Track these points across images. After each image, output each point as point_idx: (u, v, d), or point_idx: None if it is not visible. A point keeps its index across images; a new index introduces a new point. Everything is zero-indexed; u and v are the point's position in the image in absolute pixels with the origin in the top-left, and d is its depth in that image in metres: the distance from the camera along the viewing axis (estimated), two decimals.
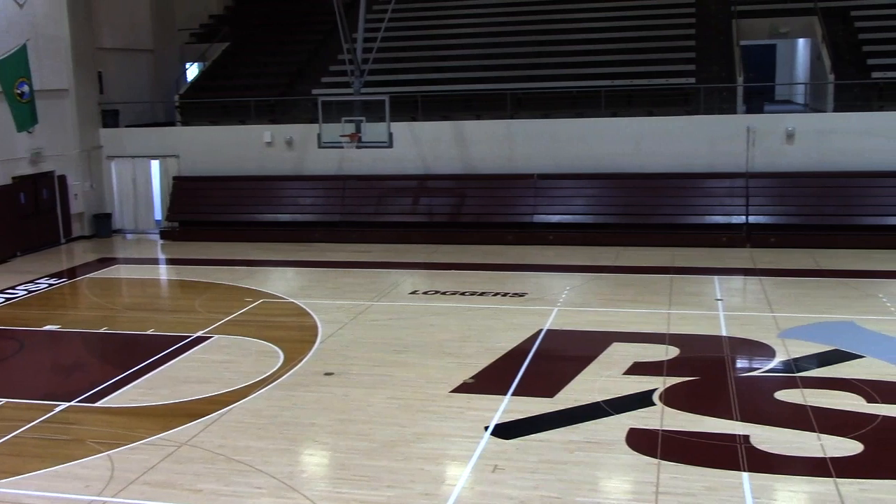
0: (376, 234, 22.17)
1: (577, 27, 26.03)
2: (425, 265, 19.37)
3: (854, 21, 24.45)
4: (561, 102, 23.32)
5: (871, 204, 20.32)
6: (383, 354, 12.86)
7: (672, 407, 10.41)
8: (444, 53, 26.00)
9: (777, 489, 8.38)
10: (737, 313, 14.65)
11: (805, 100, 27.52)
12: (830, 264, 18.15)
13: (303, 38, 28.41)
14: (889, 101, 21.58)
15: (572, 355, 12.66)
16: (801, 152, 20.87)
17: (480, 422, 10.10)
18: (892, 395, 10.62)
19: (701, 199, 21.17)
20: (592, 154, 21.87)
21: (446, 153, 22.79)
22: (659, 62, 23.77)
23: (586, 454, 9.19)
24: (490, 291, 16.58)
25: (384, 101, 20.45)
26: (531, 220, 21.80)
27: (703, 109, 22.14)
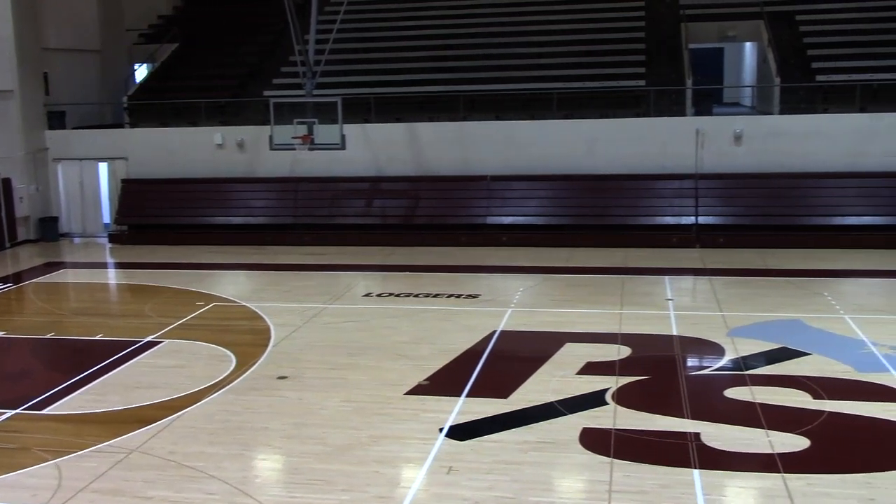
0: (329, 237, 22.06)
1: (530, 30, 26.18)
2: (379, 267, 19.33)
3: (799, 25, 24.94)
4: (513, 104, 23.45)
5: (816, 204, 20.74)
6: (337, 357, 12.80)
7: (624, 406, 10.52)
8: (396, 55, 25.97)
9: (727, 485, 8.51)
10: (687, 313, 14.85)
11: (752, 102, 28.04)
12: (778, 264, 18.49)
13: (254, 39, 28.15)
14: (833, 103, 22.06)
15: (526, 356, 12.72)
16: (748, 154, 21.23)
17: (435, 423, 10.10)
18: (837, 391, 10.84)
19: (651, 200, 21.44)
20: (545, 155, 22.01)
21: (399, 155, 22.77)
22: (610, 65, 24.01)
23: (540, 454, 9.24)
24: (444, 293, 16.60)
25: (336, 103, 20.37)
26: (484, 222, 21.88)
27: (653, 111, 22.42)
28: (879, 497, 8.09)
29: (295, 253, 21.11)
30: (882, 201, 20.46)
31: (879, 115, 20.92)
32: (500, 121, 22.74)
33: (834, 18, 24.99)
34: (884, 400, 10.53)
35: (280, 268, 19.61)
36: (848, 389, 10.93)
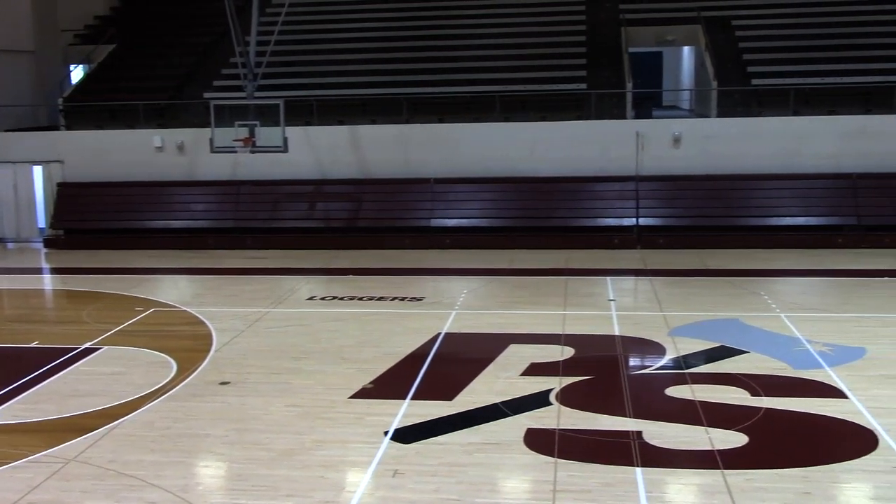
0: (272, 240, 21.86)
1: (472, 33, 26.31)
2: (322, 271, 19.21)
3: (735, 30, 25.47)
4: (456, 107, 23.52)
5: (752, 206, 21.21)
6: (281, 362, 12.69)
7: (568, 406, 10.61)
8: (339, 57, 25.85)
9: (668, 482, 8.64)
10: (629, 313, 15.05)
11: (690, 105, 28.53)
12: (716, 264, 18.85)
13: (193, 41, 27.78)
14: (768, 107, 22.58)
15: (470, 358, 12.76)
16: (687, 156, 21.61)
17: (380, 427, 10.07)
18: (774, 388, 11.09)
19: (593, 203, 21.69)
20: (488, 158, 22.12)
21: (342, 158, 22.67)
22: (551, 68, 24.24)
23: (485, 455, 9.27)
24: (388, 296, 16.57)
25: (279, 106, 20.21)
26: (428, 225, 21.89)
27: (594, 115, 22.68)
28: (815, 490, 8.30)
29: (237, 257, 20.87)
30: (815, 202, 21.01)
31: (811, 118, 21.48)
32: (443, 123, 22.79)
33: (768, 24, 25.59)
34: (818, 396, 10.79)
35: (222, 272, 19.37)
36: (784, 386, 11.19)
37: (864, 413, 10.14)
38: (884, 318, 14.36)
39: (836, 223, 20.74)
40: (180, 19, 29.03)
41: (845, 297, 16.20)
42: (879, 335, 13.31)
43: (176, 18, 29.10)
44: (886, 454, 9.04)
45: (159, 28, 28.78)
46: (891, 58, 23.28)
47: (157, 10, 29.86)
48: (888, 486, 8.37)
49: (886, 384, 11.14)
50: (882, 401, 10.52)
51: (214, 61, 26.40)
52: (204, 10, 28.31)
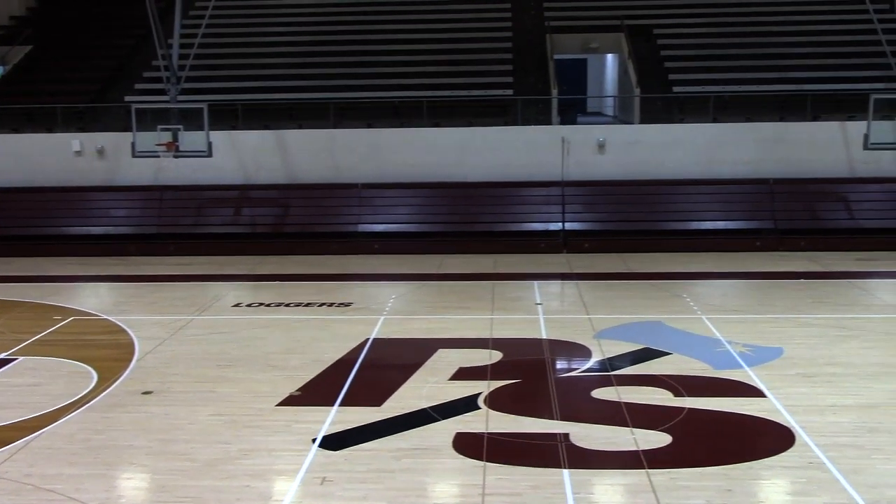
0: (196, 247, 21.47)
1: (399, 38, 26.32)
2: (248, 277, 18.96)
3: (657, 39, 26.04)
4: (384, 112, 23.50)
5: (674, 210, 21.69)
6: (206, 370, 12.47)
7: (496, 410, 10.68)
8: (264, 61, 25.59)
9: (595, 483, 8.76)
10: (555, 316, 15.22)
11: (614, 112, 29.07)
12: (640, 267, 19.21)
13: (114, 42, 27.16)
14: (688, 113, 23.14)
15: (399, 363, 12.74)
16: (611, 162, 21.99)
17: (308, 434, 9.98)
18: (696, 388, 11.35)
19: (520, 207, 21.90)
20: (416, 163, 22.15)
21: (268, 163, 22.43)
22: (478, 74, 24.41)
23: (414, 461, 9.26)
24: (315, 302, 16.44)
25: (202, 109, 19.90)
26: (356, 230, 21.81)
27: (520, 120, 22.92)
28: (736, 487, 8.51)
29: (160, 263, 20.45)
30: (734, 207, 21.60)
31: (730, 126, 22.08)
32: (371, 129, 22.74)
33: (688, 33, 26.23)
34: (738, 395, 11.08)
35: (144, 279, 18.95)
36: (706, 386, 11.46)
37: (782, 411, 10.45)
38: (800, 318, 14.83)
39: (755, 227, 21.36)
40: (101, 21, 28.34)
41: (763, 299, 16.67)
42: (796, 335, 13.73)
43: (96, 20, 28.39)
44: (802, 451, 9.33)
45: (79, 29, 28.04)
46: (804, 67, 24.11)
47: (75, 11, 29.07)
48: (805, 481, 8.64)
49: (802, 383, 11.50)
50: (798, 399, 10.85)
51: (136, 64, 25.86)
52: (125, 11, 27.70)
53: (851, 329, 14.02)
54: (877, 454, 9.22)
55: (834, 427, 9.95)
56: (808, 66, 24.17)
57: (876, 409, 10.53)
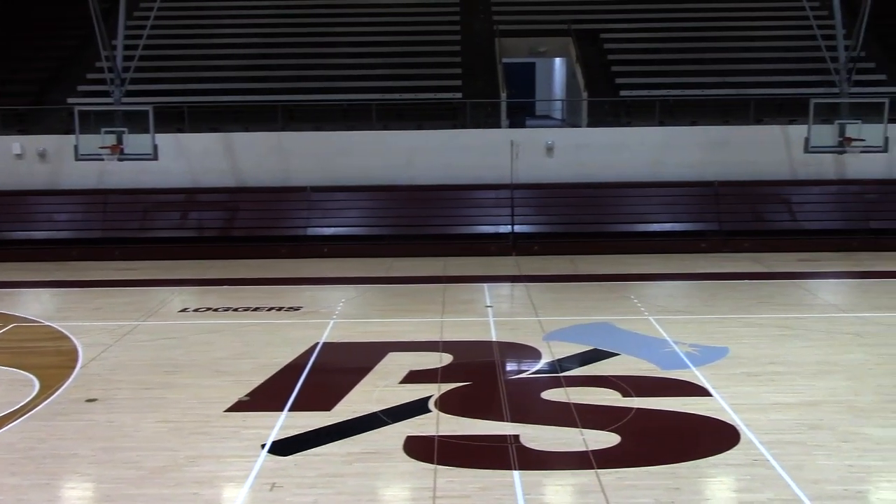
0: (142, 251, 21.14)
1: (348, 41, 26.24)
2: (196, 282, 18.72)
3: (604, 43, 26.32)
4: (332, 115, 23.40)
5: (622, 212, 21.95)
6: (152, 376, 12.27)
7: (447, 412, 10.68)
8: (211, 63, 25.31)
9: (545, 484, 8.81)
10: (505, 319, 15.29)
11: (562, 115, 29.30)
12: (588, 269, 19.39)
13: (56, 44, 26.61)
14: (635, 117, 23.44)
15: (349, 367, 12.68)
16: (559, 165, 22.18)
17: (257, 440, 9.88)
18: (643, 388, 11.48)
19: (470, 210, 21.98)
20: (365, 166, 22.10)
21: (216, 166, 22.18)
22: (427, 77, 24.43)
23: (365, 465, 9.22)
24: (264, 306, 16.29)
25: (148, 112, 19.62)
26: (305, 233, 21.67)
27: (469, 123, 22.99)
28: (683, 486, 8.63)
29: (104, 268, 20.08)
30: (680, 209, 21.94)
31: (676, 129, 22.42)
32: (320, 131, 22.62)
33: (635, 38, 26.57)
34: (685, 395, 11.24)
35: (88, 284, 18.60)
36: (653, 386, 11.60)
37: (727, 410, 10.63)
38: (744, 318, 15.09)
39: (700, 229, 21.70)
40: (42, 21, 27.75)
41: (709, 300, 16.94)
42: (741, 335, 13.98)
43: (37, 20, 27.80)
44: (747, 448, 9.50)
45: (18, 30, 27.42)
46: (747, 72, 24.58)
47: (15, 11, 28.43)
48: (749, 478, 8.79)
49: (747, 382, 11.71)
50: (743, 397, 11.04)
51: (79, 65, 25.38)
52: (67, 12, 27.15)
53: (794, 328, 14.32)
54: (818, 450, 9.42)
55: (777, 424, 10.15)
56: (750, 71, 24.66)
57: (817, 406, 10.76)
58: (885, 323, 14.60)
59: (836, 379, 11.79)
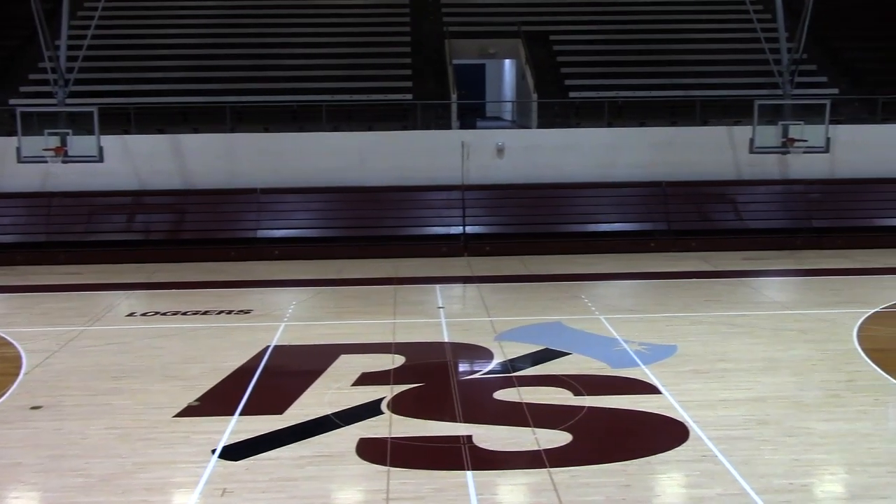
0: (88, 255, 20.74)
1: (298, 41, 26.07)
2: (143, 286, 18.43)
3: (553, 45, 26.52)
4: (282, 116, 23.23)
5: (572, 213, 22.14)
6: (99, 383, 12.05)
7: (399, 414, 10.67)
8: (157, 64, 24.95)
9: (498, 484, 8.85)
10: (457, 319, 15.32)
11: (513, 117, 29.45)
12: (539, 269, 19.52)
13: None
14: (584, 118, 23.65)
15: (301, 370, 12.60)
16: (510, 166, 22.28)
17: (207, 445, 9.76)
18: (594, 387, 11.59)
19: (421, 212, 21.97)
20: (315, 168, 21.96)
21: (163, 168, 21.86)
22: (377, 78, 24.39)
23: (317, 468, 9.17)
24: (214, 310, 16.10)
25: (92, 113, 19.28)
26: (255, 236, 21.48)
27: (420, 125, 23.00)
28: (633, 482, 8.73)
29: (49, 273, 19.68)
30: (629, 209, 22.18)
31: (625, 130, 22.68)
32: (269, 133, 22.44)
33: (583, 39, 26.81)
34: (635, 393, 11.37)
35: (32, 289, 18.21)
36: (604, 385, 11.72)
37: (676, 407, 10.78)
38: (693, 316, 15.33)
39: (649, 229, 21.98)
40: None
41: (658, 299, 17.17)
42: (689, 333, 14.19)
43: None
44: (696, 444, 9.65)
45: None
46: (694, 74, 24.95)
47: None
48: (698, 473, 8.93)
49: (695, 379, 11.89)
50: (692, 394, 11.21)
51: (22, 66, 24.82)
52: (9, 11, 26.53)
53: (741, 326, 14.58)
54: (765, 445, 9.60)
55: (725, 420, 10.32)
56: (697, 73, 25.04)
57: (764, 401, 10.97)
58: (827, 319, 14.94)
59: (782, 375, 12.03)
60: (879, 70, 25.78)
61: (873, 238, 21.68)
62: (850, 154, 22.41)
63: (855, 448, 9.53)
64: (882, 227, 22.11)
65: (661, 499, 8.56)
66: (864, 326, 14.45)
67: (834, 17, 27.22)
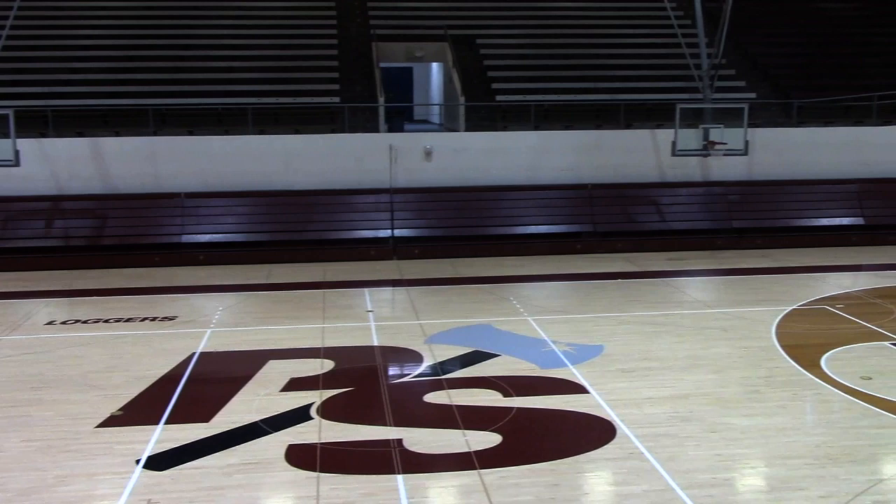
0: (4, 262, 20.10)
1: (222, 44, 25.72)
2: (63, 293, 17.93)
3: (480, 48, 26.69)
4: (207, 119, 22.88)
5: (501, 216, 22.30)
6: (17, 393, 11.67)
7: (329, 419, 10.60)
8: (76, 65, 24.32)
9: (429, 486, 8.86)
10: (387, 323, 15.29)
11: (440, 120, 29.56)
12: (468, 272, 19.62)
13: None
14: (511, 121, 23.87)
15: (228, 377, 12.41)
16: (438, 169, 22.34)
17: (131, 455, 9.54)
18: (524, 388, 11.70)
19: (349, 215, 21.88)
20: (241, 171, 21.68)
21: (83, 172, 21.31)
22: (304, 81, 24.21)
23: (246, 476, 9.05)
24: (138, 317, 15.76)
25: (7, 116, 18.70)
26: (179, 241, 21.09)
27: (347, 128, 22.89)
28: (562, 482, 8.84)
29: None
30: (555, 211, 22.46)
31: (551, 133, 22.95)
32: (194, 136, 22.07)
33: (510, 44, 27.07)
34: (563, 393, 11.50)
35: None
36: (533, 386, 11.83)
37: (603, 406, 10.95)
38: (619, 316, 15.59)
39: (576, 230, 22.28)
40: None
41: (585, 299, 17.42)
42: (615, 333, 14.42)
43: None
44: (623, 442, 9.81)
45: None
46: (618, 78, 25.41)
47: None
48: (626, 471, 9.08)
49: (621, 378, 12.09)
50: (618, 393, 11.40)
51: None
52: None
53: (665, 325, 14.88)
54: (689, 441, 9.82)
55: (651, 418, 10.52)
56: (621, 77, 25.51)
57: (687, 398, 11.22)
58: (748, 317, 15.35)
59: (704, 372, 12.32)
60: (794, 75, 26.66)
61: (790, 238, 22.40)
62: (768, 156, 23.10)
63: (774, 442, 9.82)
64: (798, 227, 22.86)
65: (590, 497, 8.68)
66: (781, 323, 14.91)
67: (751, 24, 28.06)
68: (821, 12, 30.21)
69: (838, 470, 9.07)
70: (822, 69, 26.79)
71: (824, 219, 23.13)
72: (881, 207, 23.29)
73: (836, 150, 23.42)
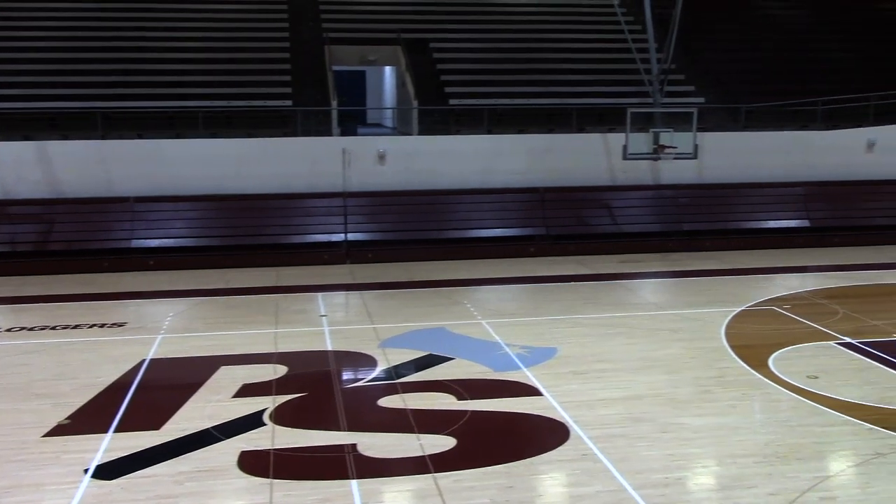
0: None
1: (172, 46, 25.39)
2: (9, 300, 17.55)
3: (433, 52, 26.72)
4: (157, 122, 22.57)
5: (454, 219, 22.33)
6: None
7: (282, 425, 10.51)
8: (21, 67, 23.81)
9: (384, 491, 8.83)
10: (340, 327, 15.21)
11: (393, 123, 29.53)
12: (422, 276, 19.60)
13: None
14: (465, 125, 23.93)
15: (179, 384, 12.25)
16: (391, 172, 22.30)
17: (79, 465, 9.36)
18: (478, 391, 11.72)
19: (302, 219, 21.73)
20: (192, 175, 21.40)
21: (29, 176, 20.86)
22: (256, 84, 24.01)
23: (198, 484, 8.93)
24: (86, 323, 15.48)
25: None
26: (129, 246, 20.76)
27: (300, 131, 22.75)
28: (516, 483, 8.87)
29: None
30: (508, 214, 22.55)
31: (503, 137, 23.06)
32: (144, 139, 21.74)
33: (462, 48, 27.14)
34: (517, 395, 11.55)
35: None
36: (487, 388, 11.86)
37: (557, 407, 11.02)
38: (572, 319, 15.70)
39: (529, 234, 22.39)
40: None
41: (538, 302, 17.51)
42: (568, 335, 14.52)
43: None
44: (576, 443, 9.88)
45: None
46: (569, 82, 25.62)
47: None
48: (580, 472, 9.15)
49: (575, 379, 12.18)
50: (571, 395, 11.48)
51: None
52: None
53: (618, 327, 15.03)
54: (641, 441, 9.92)
55: (604, 419, 10.61)
56: (572, 82, 25.72)
57: (640, 399, 11.34)
58: (699, 319, 15.57)
59: (657, 373, 12.46)
60: (742, 80, 27.11)
61: (739, 240, 22.77)
62: (716, 160, 23.45)
63: (725, 441, 9.96)
64: (747, 229, 23.24)
65: (544, 499, 8.72)
66: (731, 324, 15.14)
67: (701, 30, 28.48)
68: (770, 19, 30.78)
69: (786, 468, 9.24)
70: (771, 75, 27.30)
71: (772, 221, 23.56)
72: (826, 210, 23.79)
73: (783, 154, 23.86)
